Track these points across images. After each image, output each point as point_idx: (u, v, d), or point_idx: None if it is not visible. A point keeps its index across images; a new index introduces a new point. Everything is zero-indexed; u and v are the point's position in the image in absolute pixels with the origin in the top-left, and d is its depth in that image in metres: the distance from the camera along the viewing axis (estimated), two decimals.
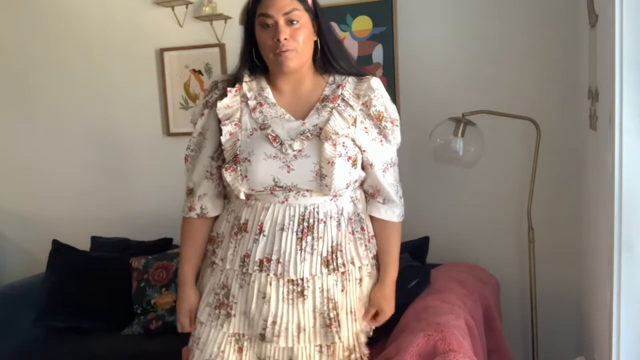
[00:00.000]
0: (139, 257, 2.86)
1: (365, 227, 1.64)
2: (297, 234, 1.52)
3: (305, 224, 1.52)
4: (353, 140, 1.55)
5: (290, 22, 1.49)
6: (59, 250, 3.02)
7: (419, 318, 1.95)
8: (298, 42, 1.50)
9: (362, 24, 2.79)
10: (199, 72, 3.10)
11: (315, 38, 1.56)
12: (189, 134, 1.77)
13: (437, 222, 2.75)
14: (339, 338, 1.57)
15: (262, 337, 1.55)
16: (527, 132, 2.50)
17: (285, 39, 1.48)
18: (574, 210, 2.54)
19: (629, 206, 1.56)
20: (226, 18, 2.96)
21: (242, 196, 1.54)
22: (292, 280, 1.52)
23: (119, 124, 3.27)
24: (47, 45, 3.36)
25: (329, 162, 1.48)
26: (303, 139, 1.51)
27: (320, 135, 1.51)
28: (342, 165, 1.50)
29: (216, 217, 1.68)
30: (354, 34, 2.81)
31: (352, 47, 2.81)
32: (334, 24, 2.82)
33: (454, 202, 2.75)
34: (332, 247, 1.54)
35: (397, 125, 1.63)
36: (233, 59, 1.84)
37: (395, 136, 1.63)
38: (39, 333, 2.79)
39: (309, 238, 1.52)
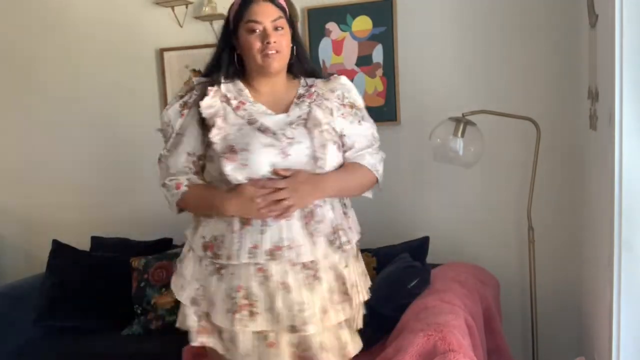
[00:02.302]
0: (139, 257, 2.85)
1: (348, 211, 1.77)
2: (301, 220, 1.61)
3: (307, 209, 1.62)
4: (333, 129, 1.69)
5: (276, 29, 1.66)
6: (59, 250, 3.02)
7: (419, 318, 1.96)
8: (282, 45, 1.67)
9: (362, 24, 2.79)
10: (199, 72, 3.08)
11: (291, 45, 1.72)
12: None
13: (437, 222, 2.75)
14: (350, 307, 1.68)
15: (292, 328, 1.59)
16: (527, 132, 2.50)
17: (275, 42, 1.64)
18: (574, 210, 2.54)
19: (629, 206, 1.56)
20: None
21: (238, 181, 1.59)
22: (306, 265, 1.60)
23: (119, 124, 3.27)
24: (47, 45, 3.35)
25: (322, 146, 1.63)
26: (292, 129, 1.64)
27: (306, 124, 1.65)
28: (330, 148, 1.65)
29: (203, 225, 1.68)
30: (354, 34, 2.81)
31: (352, 47, 2.81)
32: (333, 24, 2.83)
33: (454, 202, 2.75)
34: (333, 227, 1.66)
35: (363, 110, 1.80)
36: None
37: (368, 118, 1.81)
38: (39, 333, 2.79)
39: (313, 222, 1.62)
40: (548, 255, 2.58)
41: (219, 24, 3.00)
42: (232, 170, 1.58)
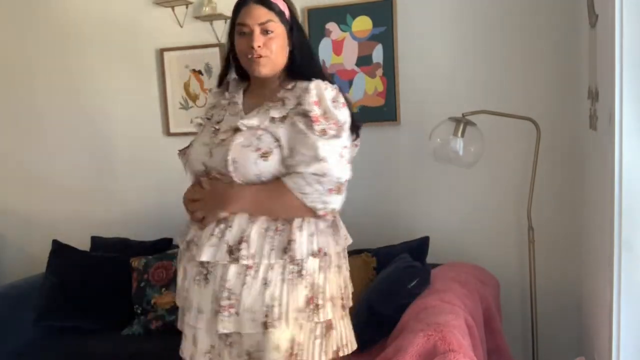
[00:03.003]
0: (139, 257, 2.86)
1: (284, 229, 1.58)
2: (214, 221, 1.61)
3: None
4: (273, 135, 1.57)
5: (265, 32, 1.61)
6: (59, 250, 3.02)
7: (419, 318, 1.96)
8: (271, 50, 1.62)
9: (362, 24, 2.79)
10: (199, 72, 3.10)
11: (290, 48, 1.67)
12: (189, 134, 1.80)
13: (437, 222, 2.75)
14: (224, 328, 1.55)
15: (182, 309, 1.69)
16: (527, 132, 2.50)
17: (259, 46, 1.60)
18: (574, 210, 2.54)
19: (629, 206, 1.56)
20: (226, 18, 2.96)
21: (189, 177, 1.72)
22: (202, 264, 1.59)
23: (119, 124, 3.28)
24: (48, 45, 3.35)
25: (234, 150, 1.56)
26: (230, 131, 1.62)
27: (237, 128, 1.62)
28: (246, 154, 1.56)
29: None
30: (354, 34, 2.81)
31: (352, 47, 2.81)
32: (333, 24, 2.83)
33: (454, 202, 2.75)
34: (240, 237, 1.57)
35: (334, 125, 1.56)
36: None
37: (329, 134, 1.55)
38: (39, 333, 2.79)
39: (222, 225, 1.59)
40: (548, 255, 2.58)
41: (219, 24, 3.02)
42: (184, 166, 1.73)
